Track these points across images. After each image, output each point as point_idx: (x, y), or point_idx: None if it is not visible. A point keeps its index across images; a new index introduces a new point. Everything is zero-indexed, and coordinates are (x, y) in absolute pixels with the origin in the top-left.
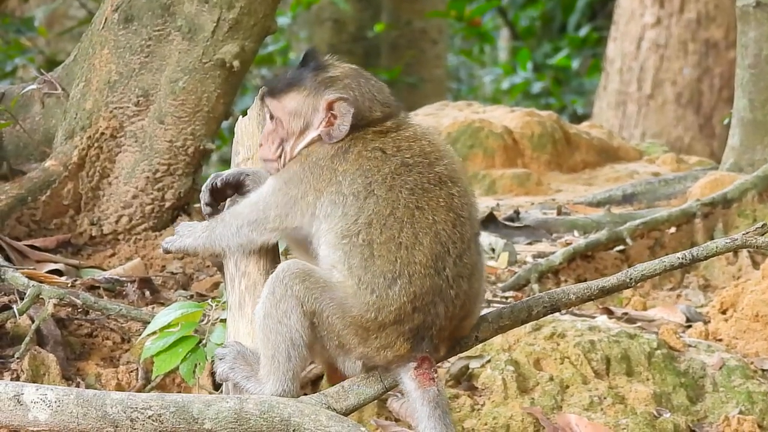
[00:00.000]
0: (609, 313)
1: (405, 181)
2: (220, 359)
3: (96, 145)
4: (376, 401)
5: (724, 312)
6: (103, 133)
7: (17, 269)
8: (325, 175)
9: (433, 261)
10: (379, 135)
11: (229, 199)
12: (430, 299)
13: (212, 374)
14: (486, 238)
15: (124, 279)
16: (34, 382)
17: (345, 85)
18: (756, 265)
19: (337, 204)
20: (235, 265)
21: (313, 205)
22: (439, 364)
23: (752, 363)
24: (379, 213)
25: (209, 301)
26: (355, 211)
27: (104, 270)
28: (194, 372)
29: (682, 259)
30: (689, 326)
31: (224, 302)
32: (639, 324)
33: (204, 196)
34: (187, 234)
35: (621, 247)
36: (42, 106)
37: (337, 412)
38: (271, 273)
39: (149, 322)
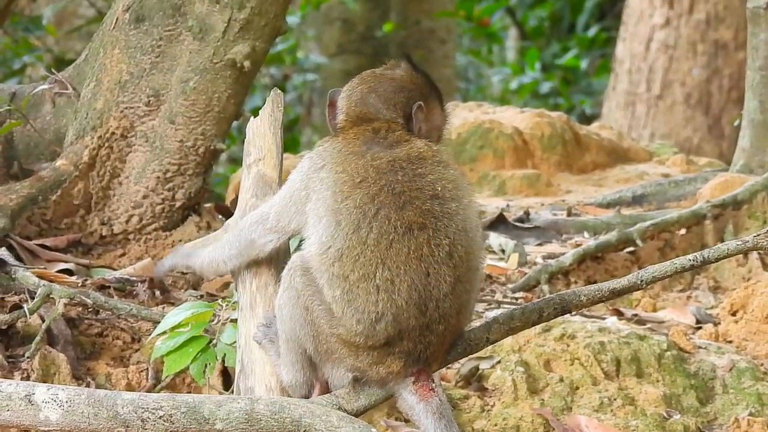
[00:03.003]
0: (619, 314)
1: (370, 225)
2: (266, 325)
3: (107, 144)
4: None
5: (734, 314)
6: (113, 133)
7: (28, 268)
8: (311, 174)
9: (414, 305)
10: (357, 155)
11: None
12: (418, 332)
13: (222, 374)
14: (496, 239)
15: (134, 279)
16: (44, 382)
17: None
18: (766, 266)
19: (316, 219)
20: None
21: (303, 205)
22: (448, 366)
23: (762, 365)
24: (347, 252)
25: (219, 301)
26: (327, 239)
27: (114, 270)
28: (204, 372)
29: (693, 261)
30: (699, 328)
31: (235, 302)
32: (649, 325)
33: None
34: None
35: (631, 249)
36: (53, 105)
37: (347, 413)
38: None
39: (159, 322)
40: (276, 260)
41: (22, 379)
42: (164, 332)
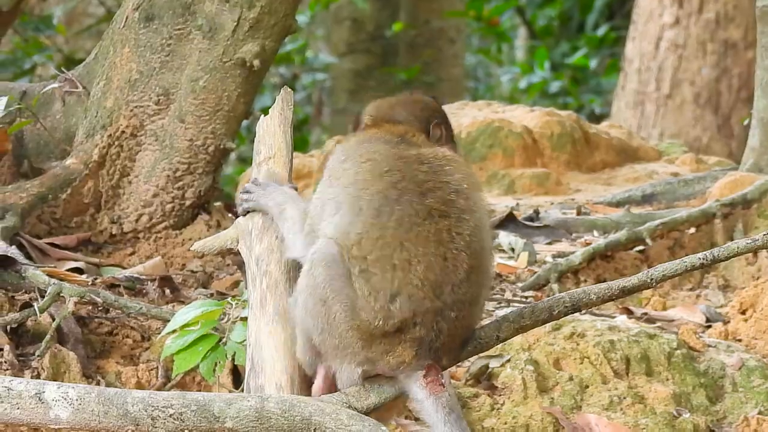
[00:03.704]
0: (629, 313)
1: (392, 210)
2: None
3: (116, 143)
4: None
5: (743, 312)
6: (123, 132)
7: (38, 267)
8: (335, 166)
9: (430, 287)
10: (386, 144)
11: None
12: (431, 318)
13: (233, 372)
14: (505, 238)
15: (144, 277)
16: (54, 380)
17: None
18: None
19: (334, 208)
20: (256, 263)
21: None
22: (458, 364)
23: None
24: (367, 234)
25: (229, 299)
26: (346, 225)
27: (124, 268)
28: (214, 370)
29: (703, 259)
30: (709, 326)
31: (244, 300)
32: (659, 324)
33: None
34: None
35: (641, 248)
36: (63, 104)
37: (357, 411)
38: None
39: (169, 321)
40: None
41: (32, 377)
42: (174, 331)
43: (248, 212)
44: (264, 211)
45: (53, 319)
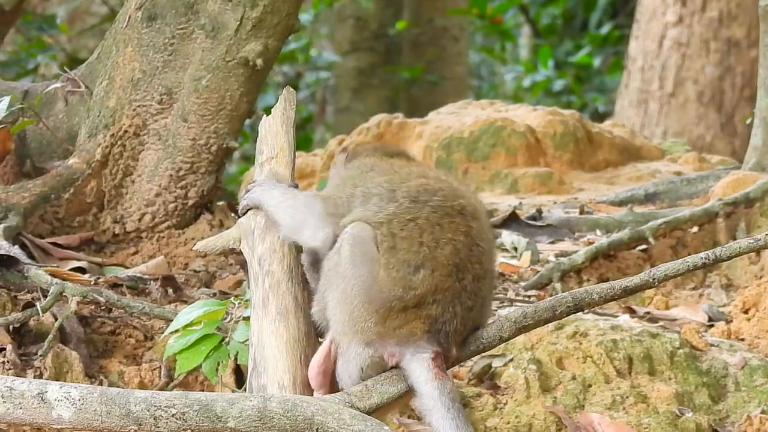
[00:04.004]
0: (631, 312)
1: (428, 200)
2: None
3: (119, 143)
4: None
5: (746, 311)
6: (126, 131)
7: (40, 267)
8: (357, 174)
9: (453, 267)
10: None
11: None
12: (449, 298)
13: (235, 372)
14: (508, 237)
15: (147, 277)
16: (57, 380)
17: None
18: None
19: (364, 198)
20: (258, 263)
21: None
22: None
23: None
24: (400, 216)
25: (232, 299)
26: (377, 209)
27: (127, 268)
28: (217, 370)
29: (705, 259)
30: (711, 326)
31: (247, 300)
32: (661, 323)
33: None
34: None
35: (643, 247)
36: (65, 103)
37: (360, 411)
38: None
39: (172, 320)
40: (290, 257)
41: (34, 377)
42: (177, 330)
43: (247, 210)
44: (260, 205)
45: (56, 319)
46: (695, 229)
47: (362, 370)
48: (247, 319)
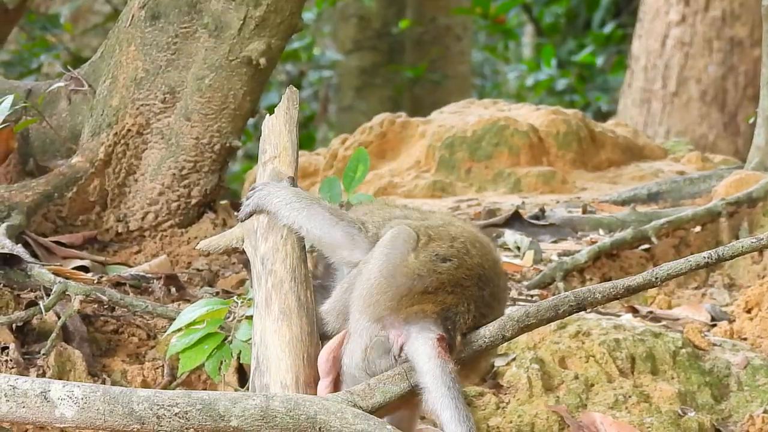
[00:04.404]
0: (634, 311)
1: (460, 220)
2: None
3: (122, 141)
4: None
5: (749, 311)
6: (129, 130)
7: (43, 265)
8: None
9: (477, 274)
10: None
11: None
12: (467, 296)
13: (238, 371)
14: (511, 237)
15: (150, 276)
16: (60, 379)
17: None
18: None
19: (402, 217)
20: (261, 262)
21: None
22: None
23: None
24: (436, 227)
25: (235, 298)
26: (416, 222)
27: (130, 266)
28: (220, 369)
29: (708, 258)
30: (714, 325)
31: (250, 299)
32: (664, 323)
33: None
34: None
35: (646, 246)
36: (68, 102)
37: (362, 410)
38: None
39: (175, 319)
40: (293, 257)
41: (37, 375)
42: (180, 329)
43: (250, 215)
44: (264, 209)
45: (59, 318)
46: (698, 228)
47: (366, 351)
48: (249, 318)
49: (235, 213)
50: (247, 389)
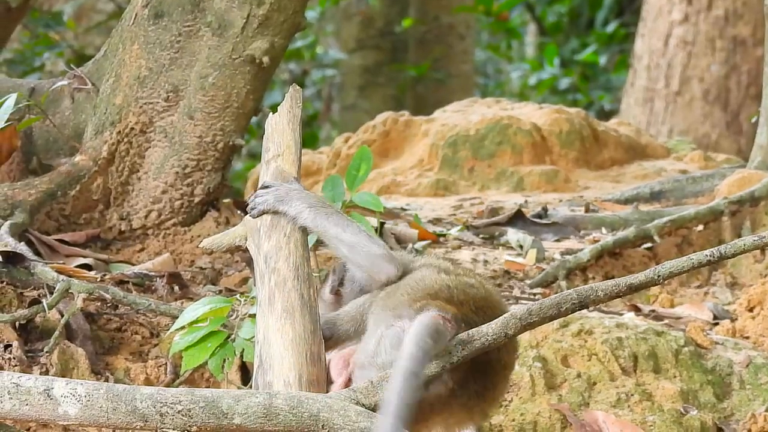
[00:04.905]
0: (636, 310)
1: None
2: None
3: (125, 140)
4: None
5: (751, 309)
6: (132, 129)
7: (46, 264)
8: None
9: (483, 306)
10: None
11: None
12: (473, 316)
13: (241, 369)
14: (514, 235)
15: (153, 274)
16: (63, 377)
17: None
18: None
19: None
20: (264, 261)
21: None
22: None
23: None
24: (457, 274)
25: (238, 296)
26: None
27: (133, 265)
28: (223, 367)
29: (710, 256)
30: (716, 324)
31: (253, 297)
32: (666, 321)
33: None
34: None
35: (649, 245)
36: (72, 101)
37: (366, 408)
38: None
39: (178, 317)
40: (296, 255)
41: (41, 373)
42: (183, 327)
43: (263, 214)
44: (281, 211)
45: (62, 316)
46: (700, 227)
47: (379, 341)
48: (253, 316)
49: (239, 211)
50: (250, 387)
